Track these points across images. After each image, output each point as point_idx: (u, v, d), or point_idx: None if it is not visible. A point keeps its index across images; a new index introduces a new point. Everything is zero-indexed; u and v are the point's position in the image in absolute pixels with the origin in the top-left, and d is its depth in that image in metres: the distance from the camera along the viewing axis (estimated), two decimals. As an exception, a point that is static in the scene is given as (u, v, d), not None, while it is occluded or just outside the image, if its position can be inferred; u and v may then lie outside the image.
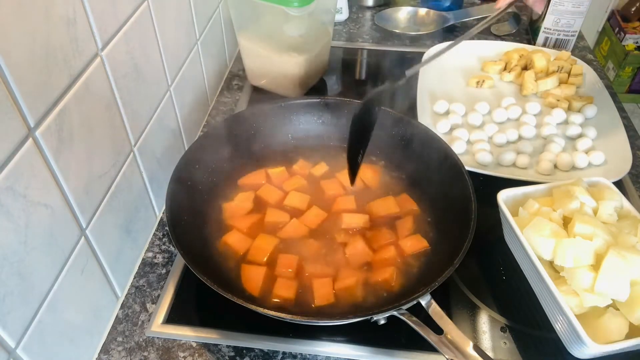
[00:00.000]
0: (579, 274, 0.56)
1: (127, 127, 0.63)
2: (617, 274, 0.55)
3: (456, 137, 0.83)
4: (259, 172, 0.75)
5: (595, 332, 0.54)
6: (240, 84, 1.02)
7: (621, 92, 2.34)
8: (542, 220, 0.61)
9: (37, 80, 0.45)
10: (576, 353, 0.56)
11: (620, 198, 0.65)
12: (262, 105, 0.78)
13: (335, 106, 0.79)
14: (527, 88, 0.94)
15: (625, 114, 0.91)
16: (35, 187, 0.46)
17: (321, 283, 0.61)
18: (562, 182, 0.68)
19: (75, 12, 0.49)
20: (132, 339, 0.61)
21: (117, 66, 0.59)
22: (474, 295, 0.65)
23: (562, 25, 1.05)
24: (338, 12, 1.17)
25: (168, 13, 0.71)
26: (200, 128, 0.91)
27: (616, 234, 0.60)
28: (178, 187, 0.64)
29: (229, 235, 0.66)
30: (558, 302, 0.55)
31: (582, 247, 0.57)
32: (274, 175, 0.74)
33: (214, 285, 0.53)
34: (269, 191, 0.72)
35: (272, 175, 0.75)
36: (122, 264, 0.65)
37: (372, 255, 0.64)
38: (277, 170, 0.75)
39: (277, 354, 0.60)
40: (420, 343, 0.54)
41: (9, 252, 0.44)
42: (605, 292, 0.55)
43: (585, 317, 0.56)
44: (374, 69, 1.11)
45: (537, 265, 0.58)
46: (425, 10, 1.18)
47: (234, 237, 0.66)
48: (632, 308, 0.55)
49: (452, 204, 0.65)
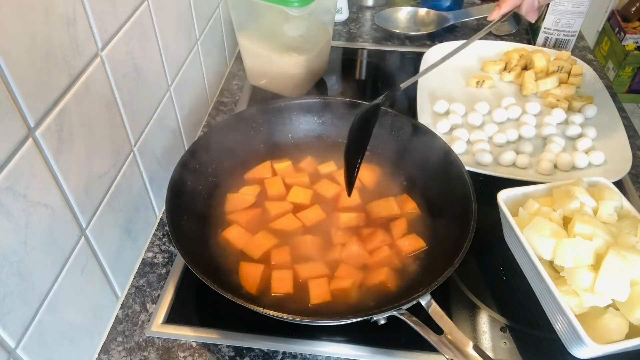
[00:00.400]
0: (579, 274, 0.56)
1: (127, 127, 0.63)
2: (617, 274, 0.55)
3: (456, 137, 0.83)
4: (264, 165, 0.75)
5: (595, 332, 0.54)
6: (240, 84, 1.02)
7: (621, 92, 2.34)
8: (542, 220, 0.61)
9: (37, 80, 0.45)
10: (576, 353, 0.56)
11: (620, 198, 0.64)
12: (262, 105, 0.78)
13: (335, 106, 0.79)
14: (527, 88, 0.94)
15: (625, 114, 0.91)
16: (35, 187, 0.46)
17: (317, 282, 0.61)
18: (562, 182, 0.68)
19: (75, 12, 0.49)
20: (132, 339, 0.61)
21: (117, 66, 0.59)
22: (474, 295, 0.65)
23: (562, 25, 1.05)
24: (338, 12, 1.17)
25: (168, 13, 0.71)
26: (200, 128, 0.91)
27: (616, 234, 0.60)
28: (178, 187, 0.64)
29: (229, 230, 0.67)
30: (558, 302, 0.55)
31: (582, 247, 0.57)
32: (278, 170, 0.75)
33: (214, 285, 0.53)
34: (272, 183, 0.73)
35: (277, 169, 0.75)
36: (122, 264, 0.65)
37: (370, 255, 0.64)
38: (282, 165, 0.75)
39: (277, 354, 0.60)
40: (420, 343, 0.54)
41: (9, 252, 0.44)
42: (605, 292, 0.55)
43: (585, 317, 0.56)
44: (374, 69, 1.11)
45: (537, 265, 0.58)
46: (425, 10, 1.18)
47: (234, 233, 0.66)
48: (632, 308, 0.55)
49: (452, 204, 0.65)
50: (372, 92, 1.04)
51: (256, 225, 0.68)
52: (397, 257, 0.64)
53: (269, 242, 0.65)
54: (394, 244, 0.65)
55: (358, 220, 0.68)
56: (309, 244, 0.65)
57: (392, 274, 0.62)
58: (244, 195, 0.72)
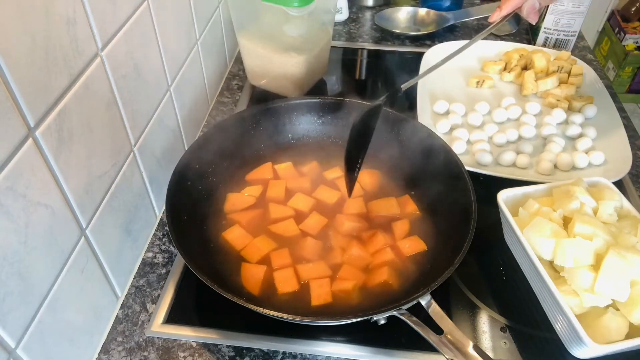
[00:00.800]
0: (579, 274, 0.56)
1: (127, 127, 0.63)
2: (617, 274, 0.55)
3: (456, 137, 0.83)
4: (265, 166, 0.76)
5: (595, 332, 0.54)
6: (240, 84, 1.02)
7: (621, 92, 2.34)
8: (542, 220, 0.61)
9: (37, 80, 0.45)
10: (576, 353, 0.56)
11: (620, 198, 0.64)
12: (262, 105, 0.78)
13: (335, 106, 0.79)
14: (527, 88, 0.94)
15: (625, 114, 0.91)
16: (35, 187, 0.46)
17: (318, 283, 0.61)
18: (562, 182, 0.68)
19: (75, 12, 0.49)
20: (132, 339, 0.61)
21: (117, 66, 0.59)
22: (474, 295, 0.65)
23: (562, 25, 1.05)
24: (338, 12, 1.17)
25: (168, 13, 0.71)
26: (200, 128, 0.91)
27: (616, 234, 0.60)
28: (178, 187, 0.64)
29: (229, 231, 0.67)
30: (558, 302, 0.55)
31: (582, 247, 0.57)
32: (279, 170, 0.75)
33: (214, 285, 0.53)
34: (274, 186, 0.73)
35: (278, 170, 0.75)
36: (122, 264, 0.65)
37: (372, 257, 0.64)
38: (283, 166, 0.75)
39: (277, 354, 0.60)
40: (420, 343, 0.54)
41: (9, 252, 0.44)
42: (605, 292, 0.55)
43: (585, 317, 0.56)
44: (374, 69, 1.11)
45: (537, 265, 0.58)
46: (425, 10, 1.18)
47: (234, 234, 0.66)
48: (632, 308, 0.55)
49: (452, 204, 0.65)
50: (372, 92, 1.04)
51: (256, 227, 0.68)
52: (398, 258, 0.64)
53: (268, 246, 0.65)
54: (395, 245, 0.65)
55: (359, 226, 0.68)
56: (310, 247, 0.65)
57: (392, 274, 0.62)
58: (245, 195, 0.72)
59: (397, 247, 0.65)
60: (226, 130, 0.74)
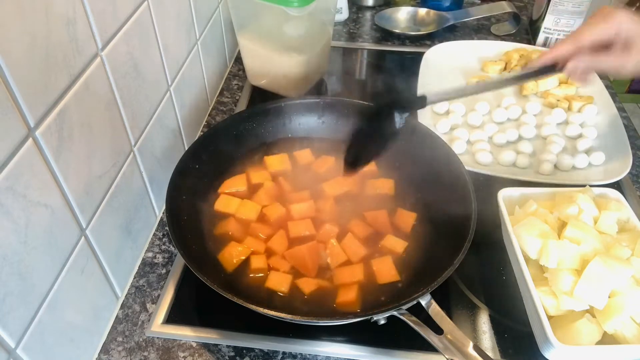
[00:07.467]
0: (561, 276, 0.56)
1: (127, 127, 0.63)
2: (599, 280, 0.55)
3: (456, 137, 0.83)
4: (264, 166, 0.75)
5: (566, 335, 0.54)
6: (240, 84, 1.02)
7: (621, 92, 2.34)
8: (534, 219, 0.61)
9: (37, 80, 0.45)
10: (546, 354, 0.57)
11: (627, 212, 0.64)
12: (262, 105, 0.78)
13: (335, 106, 0.79)
14: (527, 88, 0.94)
15: (625, 114, 0.91)
16: (35, 187, 0.46)
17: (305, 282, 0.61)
18: (570, 189, 0.67)
19: (75, 12, 0.49)
20: (132, 339, 0.61)
21: (117, 66, 0.59)
22: (474, 295, 0.65)
23: (562, 25, 1.05)
24: (338, 12, 1.17)
25: (168, 13, 0.71)
26: (200, 128, 0.91)
27: (611, 244, 0.60)
28: (178, 187, 0.64)
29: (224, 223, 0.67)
30: (533, 299, 0.55)
31: (567, 249, 0.58)
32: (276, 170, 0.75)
33: (213, 285, 0.53)
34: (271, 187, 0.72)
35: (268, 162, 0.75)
36: (122, 264, 0.65)
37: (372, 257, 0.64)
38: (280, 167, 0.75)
39: (277, 354, 0.60)
40: (420, 343, 0.54)
41: (9, 252, 0.44)
42: (583, 296, 0.55)
43: (560, 319, 0.56)
44: (374, 69, 1.11)
45: (520, 261, 0.59)
46: (425, 10, 1.18)
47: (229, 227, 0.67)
48: (608, 316, 0.55)
49: (452, 203, 0.65)
50: (372, 92, 1.04)
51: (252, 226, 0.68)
52: (398, 259, 0.64)
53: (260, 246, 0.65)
54: (395, 246, 0.65)
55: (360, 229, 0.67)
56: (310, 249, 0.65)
57: (393, 274, 0.62)
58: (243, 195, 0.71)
59: (397, 247, 0.65)
60: (226, 130, 0.74)
